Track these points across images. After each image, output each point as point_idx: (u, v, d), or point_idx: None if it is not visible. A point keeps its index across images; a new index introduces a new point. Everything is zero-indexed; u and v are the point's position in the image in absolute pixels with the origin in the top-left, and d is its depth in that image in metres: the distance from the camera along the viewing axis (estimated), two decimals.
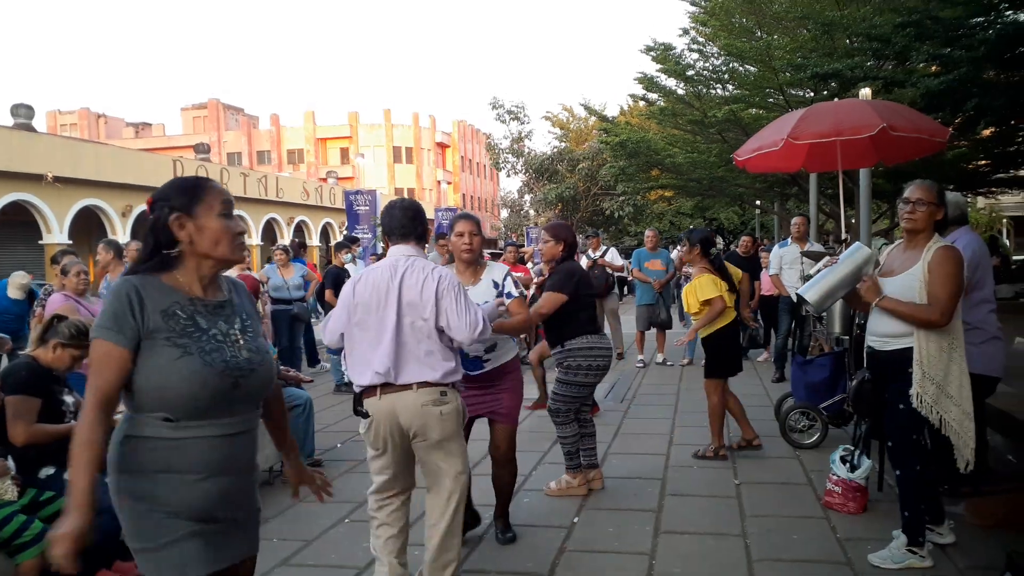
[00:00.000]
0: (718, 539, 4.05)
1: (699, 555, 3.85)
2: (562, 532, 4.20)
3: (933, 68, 10.14)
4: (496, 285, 3.83)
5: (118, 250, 6.77)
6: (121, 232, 21.82)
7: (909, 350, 3.49)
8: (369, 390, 3.15)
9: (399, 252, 3.21)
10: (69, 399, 3.90)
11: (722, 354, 5.56)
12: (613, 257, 10.66)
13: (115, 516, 3.55)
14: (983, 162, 13.07)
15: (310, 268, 9.06)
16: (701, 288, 5.46)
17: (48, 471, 3.62)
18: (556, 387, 4.75)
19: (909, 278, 3.51)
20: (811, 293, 3.94)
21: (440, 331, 3.11)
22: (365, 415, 3.18)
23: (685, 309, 5.78)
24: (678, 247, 19.89)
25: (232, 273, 7.92)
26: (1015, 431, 5.17)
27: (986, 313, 4.00)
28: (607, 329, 10.82)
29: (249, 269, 9.41)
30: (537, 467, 5.51)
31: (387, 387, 3.10)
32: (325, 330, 3.40)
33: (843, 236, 5.63)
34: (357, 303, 3.16)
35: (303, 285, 9.01)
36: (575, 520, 4.38)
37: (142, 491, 1.96)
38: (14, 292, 7.70)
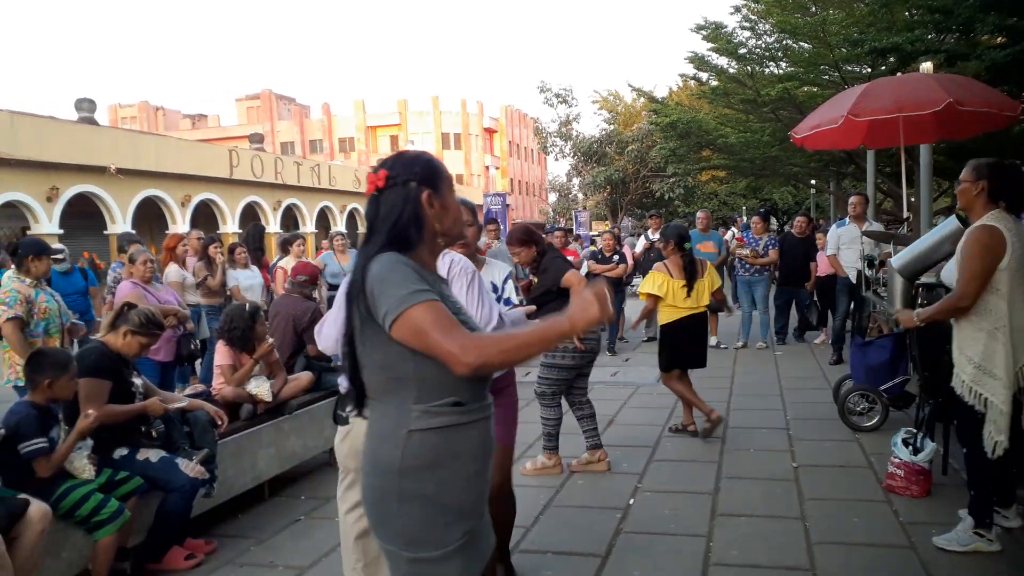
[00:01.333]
0: (776, 522, 4.02)
1: (757, 538, 3.82)
2: (618, 514, 4.21)
3: (999, 39, 9.76)
4: (496, 288, 3.23)
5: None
6: (181, 221, 22.40)
7: None
8: None
9: None
10: (138, 381, 4.05)
11: (668, 348, 5.67)
12: None
13: (185, 496, 3.73)
14: None
15: None
16: (646, 282, 5.73)
17: (122, 451, 3.78)
18: (541, 371, 4.84)
19: (953, 263, 3.58)
20: (897, 260, 4.54)
21: None
22: (344, 422, 2.68)
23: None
24: (731, 228, 19.66)
25: (290, 261, 8.08)
26: None
27: None
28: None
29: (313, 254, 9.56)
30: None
31: None
32: (319, 335, 2.80)
33: (904, 215, 5.50)
34: None
35: None
36: (631, 502, 4.39)
37: (428, 491, 1.78)
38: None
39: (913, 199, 10.13)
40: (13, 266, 4.99)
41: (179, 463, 3.81)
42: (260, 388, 4.76)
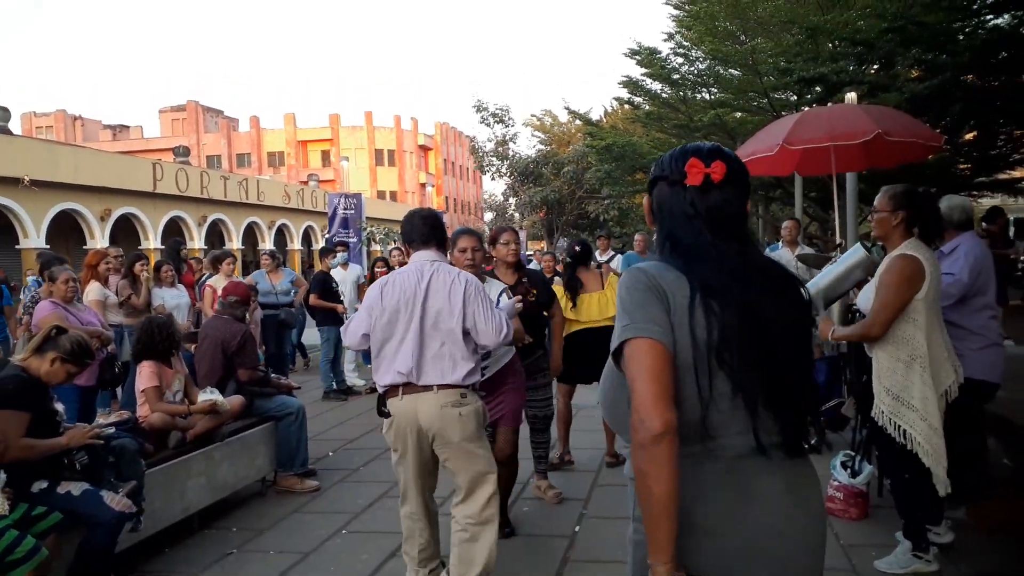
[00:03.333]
0: None
1: None
2: (565, 541, 4.15)
3: (915, 73, 10.24)
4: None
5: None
6: (100, 236, 21.50)
7: None
8: (391, 390, 3.27)
9: (423, 257, 3.37)
10: (59, 407, 3.80)
11: (566, 360, 5.10)
12: (618, 265, 10.59)
13: (110, 530, 3.50)
14: (963, 165, 13.19)
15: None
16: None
17: (41, 485, 3.52)
18: (546, 392, 4.71)
19: (871, 287, 3.53)
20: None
21: (465, 334, 3.23)
22: (387, 415, 3.30)
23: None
24: None
25: (220, 280, 7.79)
26: (1011, 435, 5.19)
27: (987, 319, 3.97)
28: None
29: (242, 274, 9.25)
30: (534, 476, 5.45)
31: (409, 387, 3.23)
32: (346, 331, 3.50)
33: (838, 241, 5.65)
34: (385, 306, 3.27)
35: (291, 290, 8.92)
36: (576, 529, 4.34)
37: None
38: None
39: (838, 224, 10.50)
40: None
41: (104, 496, 3.58)
42: (214, 395, 4.64)
